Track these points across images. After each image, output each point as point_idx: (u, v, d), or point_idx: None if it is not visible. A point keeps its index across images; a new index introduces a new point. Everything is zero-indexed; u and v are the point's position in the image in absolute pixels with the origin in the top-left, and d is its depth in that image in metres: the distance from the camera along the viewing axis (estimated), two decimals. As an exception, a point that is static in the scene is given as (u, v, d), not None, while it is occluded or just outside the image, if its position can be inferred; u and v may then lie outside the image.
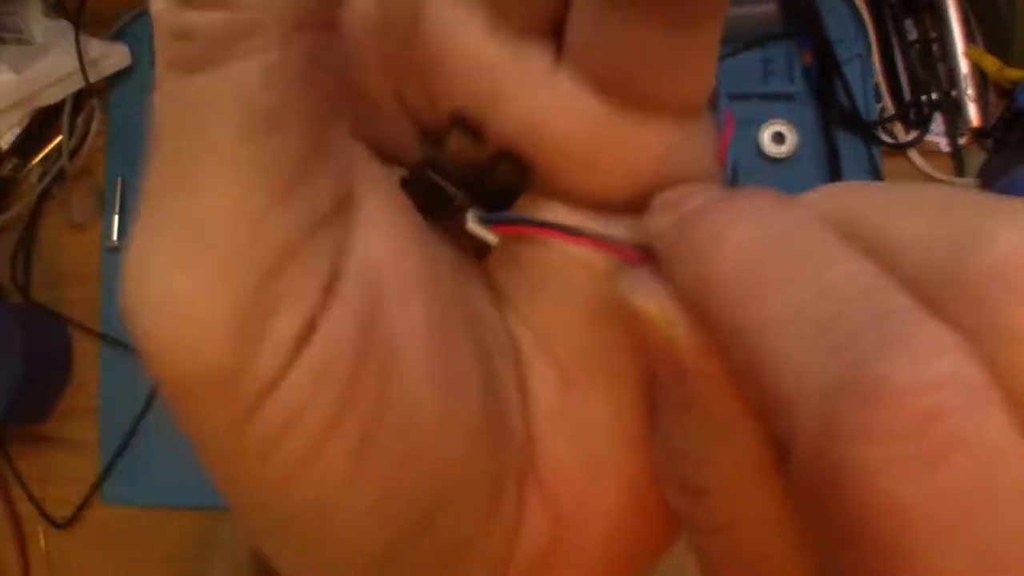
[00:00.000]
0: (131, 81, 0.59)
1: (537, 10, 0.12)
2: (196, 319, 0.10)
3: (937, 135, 0.59)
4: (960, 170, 0.58)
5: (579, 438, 0.13)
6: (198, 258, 0.10)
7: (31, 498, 0.56)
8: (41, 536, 0.56)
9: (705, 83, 0.13)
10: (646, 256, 0.12)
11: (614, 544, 0.13)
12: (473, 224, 0.12)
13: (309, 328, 0.10)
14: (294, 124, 0.10)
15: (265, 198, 0.10)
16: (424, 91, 0.12)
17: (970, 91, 0.57)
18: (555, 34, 0.12)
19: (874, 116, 0.58)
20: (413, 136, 0.13)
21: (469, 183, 0.12)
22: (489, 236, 0.12)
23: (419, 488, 0.11)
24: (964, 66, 0.57)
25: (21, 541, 0.56)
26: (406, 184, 0.13)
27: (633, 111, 0.12)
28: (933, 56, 0.58)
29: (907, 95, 0.57)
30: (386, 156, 0.13)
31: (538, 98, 0.12)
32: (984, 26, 0.57)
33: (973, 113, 0.57)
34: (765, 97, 0.58)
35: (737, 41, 0.59)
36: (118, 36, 0.59)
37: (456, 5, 0.12)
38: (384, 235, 0.11)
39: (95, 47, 0.57)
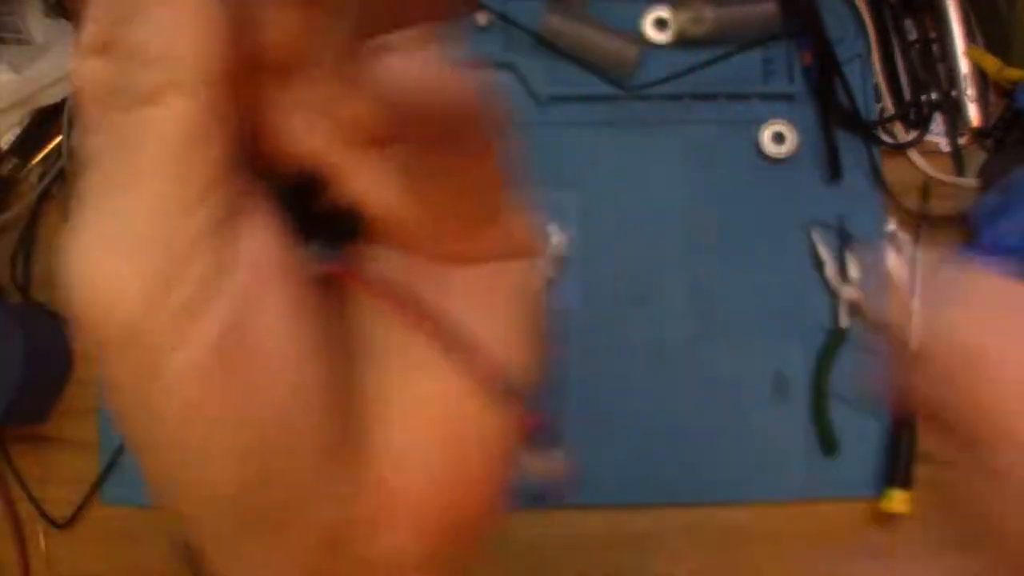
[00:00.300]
0: (131, 81, 0.59)
1: (365, 127, 0.15)
2: (116, 287, 0.14)
3: (937, 135, 0.59)
4: (960, 170, 0.58)
5: (406, 427, 0.16)
6: (121, 243, 0.14)
7: (31, 498, 0.56)
8: (41, 536, 0.56)
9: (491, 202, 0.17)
10: (438, 325, 0.16)
11: (436, 513, 0.17)
12: (309, 255, 0.16)
13: (200, 303, 0.14)
14: (201, 152, 0.14)
15: (176, 205, 0.14)
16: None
17: (970, 91, 0.57)
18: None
19: (874, 116, 0.58)
20: (286, 169, 0.16)
21: (319, 220, 0.16)
22: (318, 270, 0.16)
23: (270, 429, 0.15)
24: (964, 66, 0.57)
25: (21, 541, 0.56)
26: (278, 202, 0.16)
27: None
28: (933, 56, 0.58)
29: (907, 95, 0.57)
30: (267, 178, 0.16)
31: (365, 186, 0.16)
32: (984, 26, 0.57)
33: (973, 113, 0.57)
34: (765, 97, 0.58)
35: (737, 41, 0.59)
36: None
37: (299, 116, 0.15)
38: (260, 241, 0.15)
39: (95, 47, 0.57)
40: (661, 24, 0.58)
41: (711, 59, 0.58)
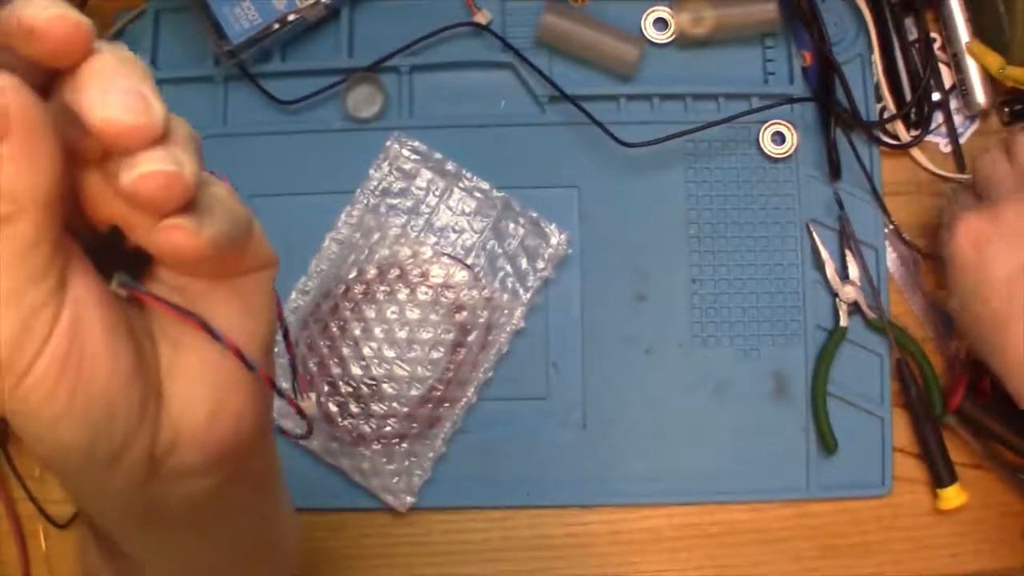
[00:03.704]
0: (131, 81, 0.59)
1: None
2: None
3: (937, 135, 0.59)
4: (961, 170, 0.58)
5: (187, 384, 0.25)
6: None
7: (31, 498, 0.56)
8: (41, 536, 0.56)
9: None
10: (203, 326, 0.24)
11: (210, 437, 0.25)
12: (115, 285, 0.24)
13: (46, 336, 0.21)
14: (40, 248, 0.21)
15: (25, 278, 0.21)
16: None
17: (977, 73, 0.57)
18: None
19: (874, 116, 0.58)
20: (96, 227, 0.24)
21: (122, 259, 0.24)
22: (122, 293, 0.24)
23: (99, 405, 0.23)
24: (969, 57, 0.57)
25: (21, 541, 0.56)
26: (89, 250, 0.23)
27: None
28: (934, 55, 0.58)
29: (907, 95, 0.57)
30: (81, 236, 0.23)
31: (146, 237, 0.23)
32: (983, 27, 0.57)
33: (982, 94, 0.57)
34: (765, 97, 0.58)
35: (737, 41, 0.59)
36: (118, 36, 0.59)
37: (103, 191, 0.23)
38: (81, 283, 0.22)
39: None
40: (661, 24, 0.58)
41: (711, 59, 0.58)
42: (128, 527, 0.29)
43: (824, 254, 0.57)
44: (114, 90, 0.20)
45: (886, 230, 0.58)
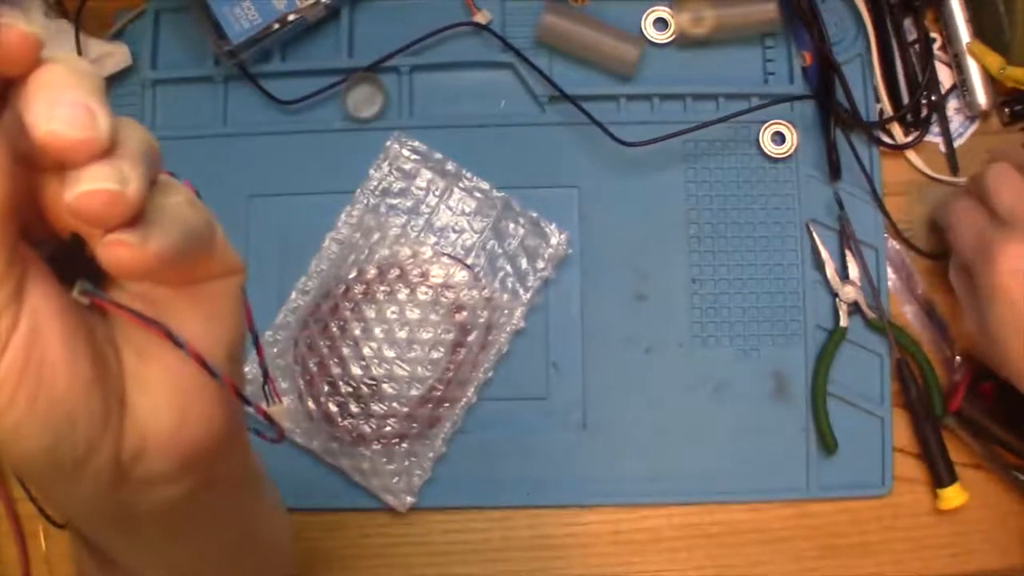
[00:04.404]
0: (131, 81, 0.59)
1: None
2: None
3: (936, 136, 0.59)
4: (955, 171, 0.58)
5: (151, 391, 0.25)
6: None
7: (31, 498, 0.56)
8: (41, 536, 0.56)
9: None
10: (165, 333, 0.24)
11: (175, 444, 0.26)
12: (76, 292, 0.24)
13: (3, 346, 0.21)
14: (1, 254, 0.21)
15: None
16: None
17: (978, 73, 0.57)
18: None
19: (874, 116, 0.58)
20: (55, 236, 0.24)
21: (84, 267, 0.24)
22: (84, 300, 0.24)
23: (59, 412, 0.22)
24: (969, 58, 0.58)
25: (21, 541, 0.56)
26: (50, 258, 0.23)
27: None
28: (932, 57, 0.58)
29: (905, 97, 0.57)
30: (40, 245, 0.23)
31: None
32: (982, 28, 0.57)
33: (983, 94, 0.57)
34: (765, 97, 0.58)
35: (737, 41, 0.59)
36: (118, 36, 0.59)
37: (59, 201, 0.22)
38: (39, 292, 0.22)
39: (95, 47, 0.57)
40: (661, 24, 0.58)
41: (711, 59, 0.58)
42: (104, 532, 0.29)
43: (824, 254, 0.57)
44: (60, 102, 0.20)
45: (885, 234, 0.58)
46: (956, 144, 0.59)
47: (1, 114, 0.21)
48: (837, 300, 0.56)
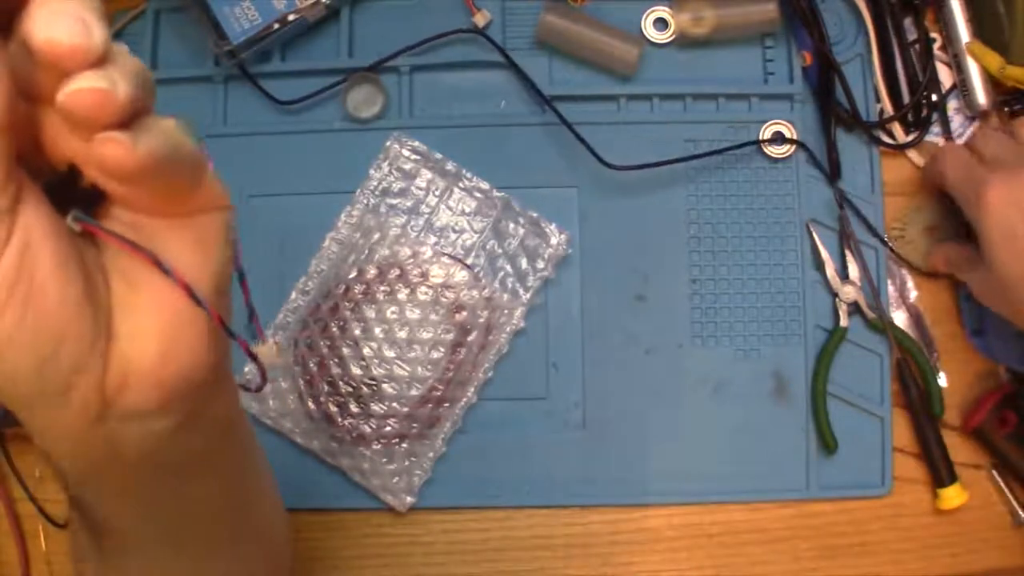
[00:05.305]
0: (131, 81, 0.59)
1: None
2: None
3: (936, 136, 0.59)
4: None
5: (137, 319, 0.25)
6: None
7: (31, 498, 0.56)
8: (41, 536, 0.56)
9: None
10: (152, 258, 0.25)
11: (160, 375, 0.26)
12: (70, 219, 0.24)
13: None
14: None
15: None
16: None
17: (978, 73, 0.57)
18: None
19: (874, 116, 0.58)
20: (53, 164, 0.25)
21: (77, 195, 0.25)
22: (76, 227, 0.24)
23: (47, 329, 0.23)
24: (968, 57, 0.57)
25: (21, 541, 0.56)
26: (47, 187, 0.24)
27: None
28: (932, 57, 0.58)
29: (905, 96, 0.57)
30: (38, 172, 0.24)
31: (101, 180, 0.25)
32: (983, 28, 0.57)
33: (983, 94, 0.57)
34: (765, 97, 0.58)
35: (737, 41, 0.59)
36: (118, 36, 0.59)
37: (61, 130, 0.24)
38: (33, 214, 0.23)
39: (95, 47, 0.57)
40: (661, 24, 0.58)
41: (711, 59, 0.58)
42: (92, 483, 0.30)
43: (824, 254, 0.57)
44: (58, 13, 0.22)
45: (885, 236, 0.58)
46: (956, 144, 0.59)
47: (6, 43, 0.22)
48: (837, 300, 0.56)
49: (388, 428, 0.55)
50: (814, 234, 0.57)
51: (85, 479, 0.30)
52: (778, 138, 0.57)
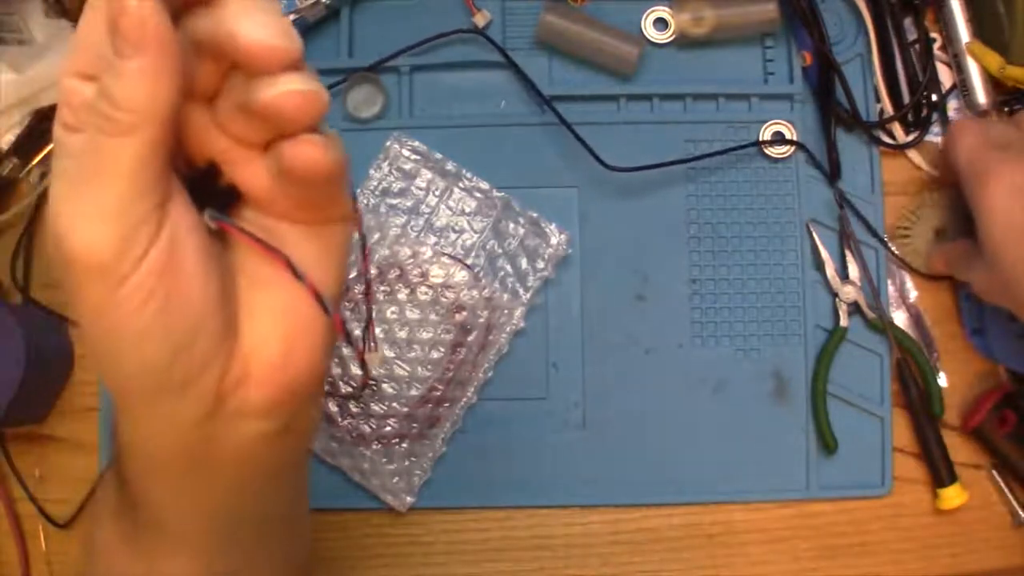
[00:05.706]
0: (131, 81, 0.59)
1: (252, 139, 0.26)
2: (98, 246, 0.23)
3: (936, 136, 0.59)
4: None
5: (262, 319, 0.26)
6: (98, 218, 0.23)
7: (31, 498, 0.56)
8: (41, 536, 0.56)
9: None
10: (286, 261, 0.26)
11: (276, 376, 0.26)
12: (207, 217, 0.25)
13: (146, 249, 0.23)
14: (150, 164, 0.23)
15: (132, 196, 0.23)
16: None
17: (978, 73, 0.57)
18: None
19: (874, 116, 0.58)
20: (195, 162, 0.26)
21: (215, 194, 0.26)
22: (212, 224, 0.25)
23: (185, 323, 0.24)
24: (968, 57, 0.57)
25: (21, 541, 0.56)
26: (188, 185, 0.25)
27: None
28: (933, 57, 0.58)
29: (906, 97, 0.57)
30: (181, 169, 0.25)
31: (244, 175, 0.26)
32: (983, 28, 0.57)
33: (983, 94, 0.57)
34: (765, 97, 0.58)
35: (737, 41, 0.59)
36: (118, 36, 0.59)
37: (211, 129, 0.26)
38: (179, 210, 0.24)
39: (95, 47, 0.57)
40: (661, 24, 0.58)
41: (711, 59, 0.58)
42: (172, 472, 0.28)
43: (824, 254, 0.57)
44: (262, 14, 0.23)
45: (885, 236, 0.58)
46: (956, 144, 0.59)
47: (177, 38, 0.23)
48: (837, 300, 0.56)
49: (388, 428, 0.55)
50: (814, 234, 0.57)
51: (158, 475, 0.29)
52: (778, 138, 0.57)
